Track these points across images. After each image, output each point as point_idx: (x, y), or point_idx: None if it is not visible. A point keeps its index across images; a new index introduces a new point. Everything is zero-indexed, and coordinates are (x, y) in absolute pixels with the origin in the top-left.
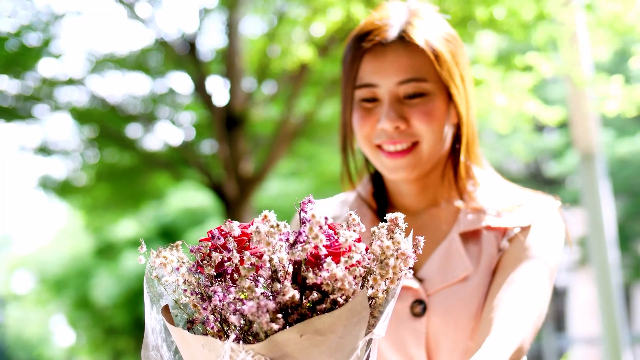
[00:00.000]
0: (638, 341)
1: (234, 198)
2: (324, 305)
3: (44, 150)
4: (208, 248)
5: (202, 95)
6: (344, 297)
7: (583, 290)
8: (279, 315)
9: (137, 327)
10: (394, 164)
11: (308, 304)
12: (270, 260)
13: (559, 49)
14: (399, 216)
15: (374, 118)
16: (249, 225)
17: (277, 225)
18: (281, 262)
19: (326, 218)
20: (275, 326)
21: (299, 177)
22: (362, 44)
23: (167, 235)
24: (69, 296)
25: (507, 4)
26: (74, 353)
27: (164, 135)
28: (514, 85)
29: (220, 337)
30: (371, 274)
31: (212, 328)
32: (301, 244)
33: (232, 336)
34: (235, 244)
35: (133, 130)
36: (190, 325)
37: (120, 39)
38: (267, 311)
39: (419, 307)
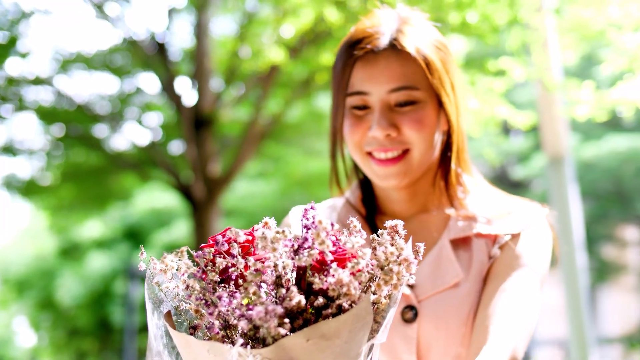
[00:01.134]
0: (603, 343)
1: (201, 199)
2: (329, 311)
3: (9, 149)
4: (211, 254)
5: (170, 95)
6: (349, 302)
7: (547, 292)
8: (286, 320)
9: (102, 328)
10: (384, 172)
11: (310, 310)
12: (275, 266)
13: (530, 54)
14: (399, 223)
15: (365, 125)
16: (250, 232)
17: (283, 231)
18: (285, 268)
19: (332, 224)
20: (282, 331)
21: (266, 179)
22: (353, 52)
23: (133, 236)
24: (32, 297)
25: (481, 9)
26: (36, 354)
27: (132, 135)
28: (485, 89)
29: (224, 343)
30: (374, 280)
31: (217, 334)
32: (307, 250)
33: (240, 341)
34: (240, 250)
35: (100, 130)
36: (193, 331)
37: (88, 39)
38: (275, 316)
39: (410, 313)
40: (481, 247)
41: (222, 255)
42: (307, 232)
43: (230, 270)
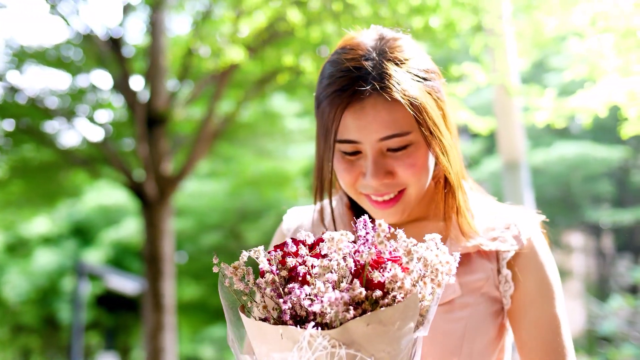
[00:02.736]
0: None
1: (152, 197)
2: (386, 301)
3: None
4: (281, 255)
5: (124, 92)
6: (402, 295)
7: None
8: (350, 307)
9: (47, 326)
10: (382, 213)
11: (369, 302)
12: (338, 263)
13: (491, 60)
14: (436, 236)
15: (357, 170)
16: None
17: (347, 233)
18: (348, 264)
19: (389, 227)
20: (348, 315)
21: (216, 178)
22: (339, 99)
23: (81, 233)
24: None
25: (445, 14)
26: None
27: (84, 132)
28: (446, 94)
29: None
30: (422, 278)
31: (288, 320)
32: (368, 249)
33: (312, 323)
34: (308, 251)
35: (51, 126)
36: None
37: (41, 33)
38: (342, 302)
39: None
40: (482, 263)
41: (291, 256)
42: (366, 235)
43: (298, 268)
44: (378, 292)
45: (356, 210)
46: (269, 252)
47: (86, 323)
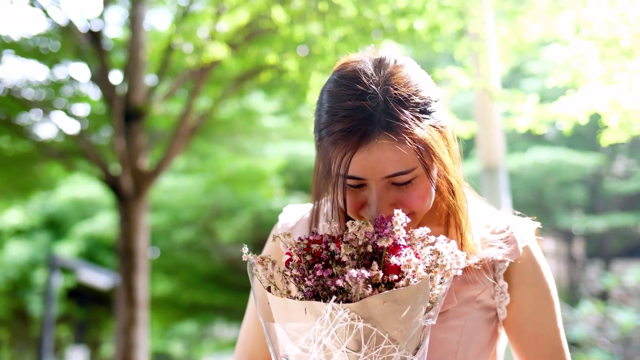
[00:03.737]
0: None
1: (128, 192)
2: (401, 283)
3: None
4: (305, 243)
5: (102, 86)
6: (415, 279)
7: None
8: (369, 285)
9: (17, 318)
10: None
11: (385, 285)
12: (358, 250)
13: (472, 64)
14: (444, 237)
15: (361, 201)
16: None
17: (367, 223)
18: (367, 250)
19: (406, 218)
20: (367, 291)
21: (192, 174)
22: (344, 141)
23: (54, 225)
24: None
25: (431, 17)
26: None
27: (60, 124)
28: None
29: None
30: (432, 268)
31: (312, 298)
32: (385, 236)
33: (334, 297)
34: (330, 238)
35: (27, 118)
36: None
37: (20, 24)
38: (363, 278)
39: None
40: (478, 273)
41: (315, 243)
42: (386, 224)
43: (322, 253)
44: (394, 276)
45: None
46: (298, 241)
47: (57, 316)
